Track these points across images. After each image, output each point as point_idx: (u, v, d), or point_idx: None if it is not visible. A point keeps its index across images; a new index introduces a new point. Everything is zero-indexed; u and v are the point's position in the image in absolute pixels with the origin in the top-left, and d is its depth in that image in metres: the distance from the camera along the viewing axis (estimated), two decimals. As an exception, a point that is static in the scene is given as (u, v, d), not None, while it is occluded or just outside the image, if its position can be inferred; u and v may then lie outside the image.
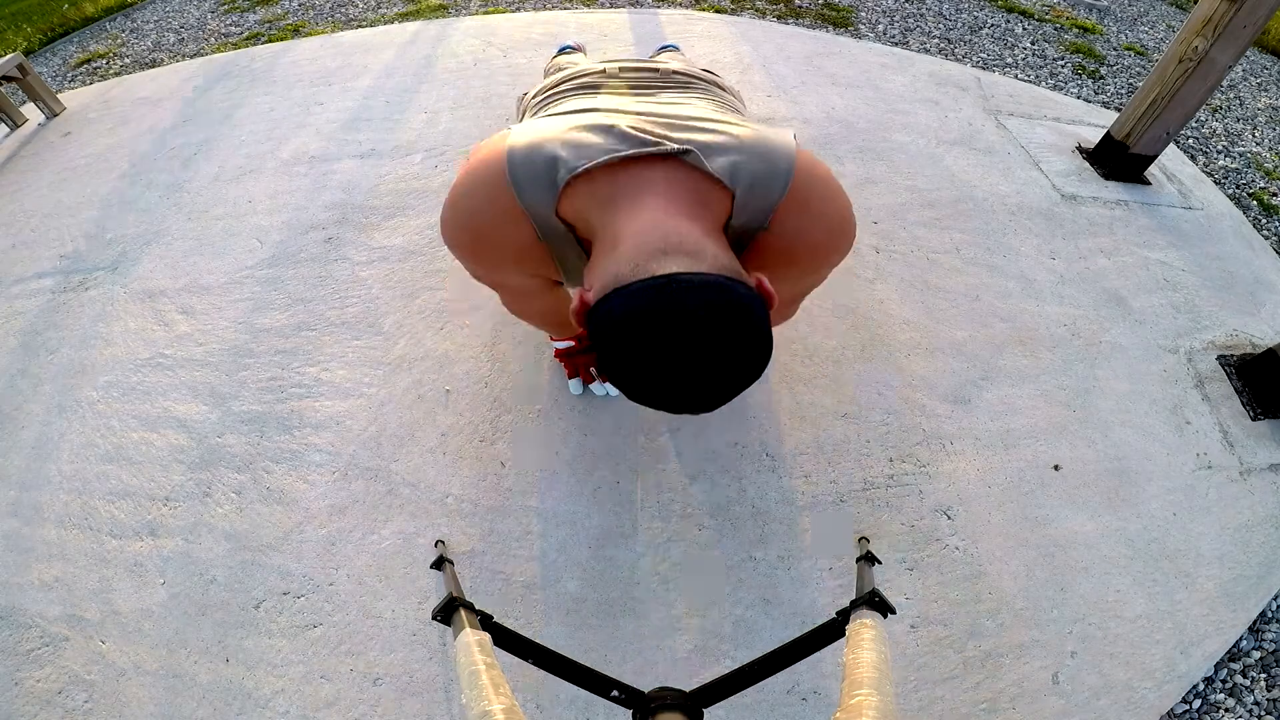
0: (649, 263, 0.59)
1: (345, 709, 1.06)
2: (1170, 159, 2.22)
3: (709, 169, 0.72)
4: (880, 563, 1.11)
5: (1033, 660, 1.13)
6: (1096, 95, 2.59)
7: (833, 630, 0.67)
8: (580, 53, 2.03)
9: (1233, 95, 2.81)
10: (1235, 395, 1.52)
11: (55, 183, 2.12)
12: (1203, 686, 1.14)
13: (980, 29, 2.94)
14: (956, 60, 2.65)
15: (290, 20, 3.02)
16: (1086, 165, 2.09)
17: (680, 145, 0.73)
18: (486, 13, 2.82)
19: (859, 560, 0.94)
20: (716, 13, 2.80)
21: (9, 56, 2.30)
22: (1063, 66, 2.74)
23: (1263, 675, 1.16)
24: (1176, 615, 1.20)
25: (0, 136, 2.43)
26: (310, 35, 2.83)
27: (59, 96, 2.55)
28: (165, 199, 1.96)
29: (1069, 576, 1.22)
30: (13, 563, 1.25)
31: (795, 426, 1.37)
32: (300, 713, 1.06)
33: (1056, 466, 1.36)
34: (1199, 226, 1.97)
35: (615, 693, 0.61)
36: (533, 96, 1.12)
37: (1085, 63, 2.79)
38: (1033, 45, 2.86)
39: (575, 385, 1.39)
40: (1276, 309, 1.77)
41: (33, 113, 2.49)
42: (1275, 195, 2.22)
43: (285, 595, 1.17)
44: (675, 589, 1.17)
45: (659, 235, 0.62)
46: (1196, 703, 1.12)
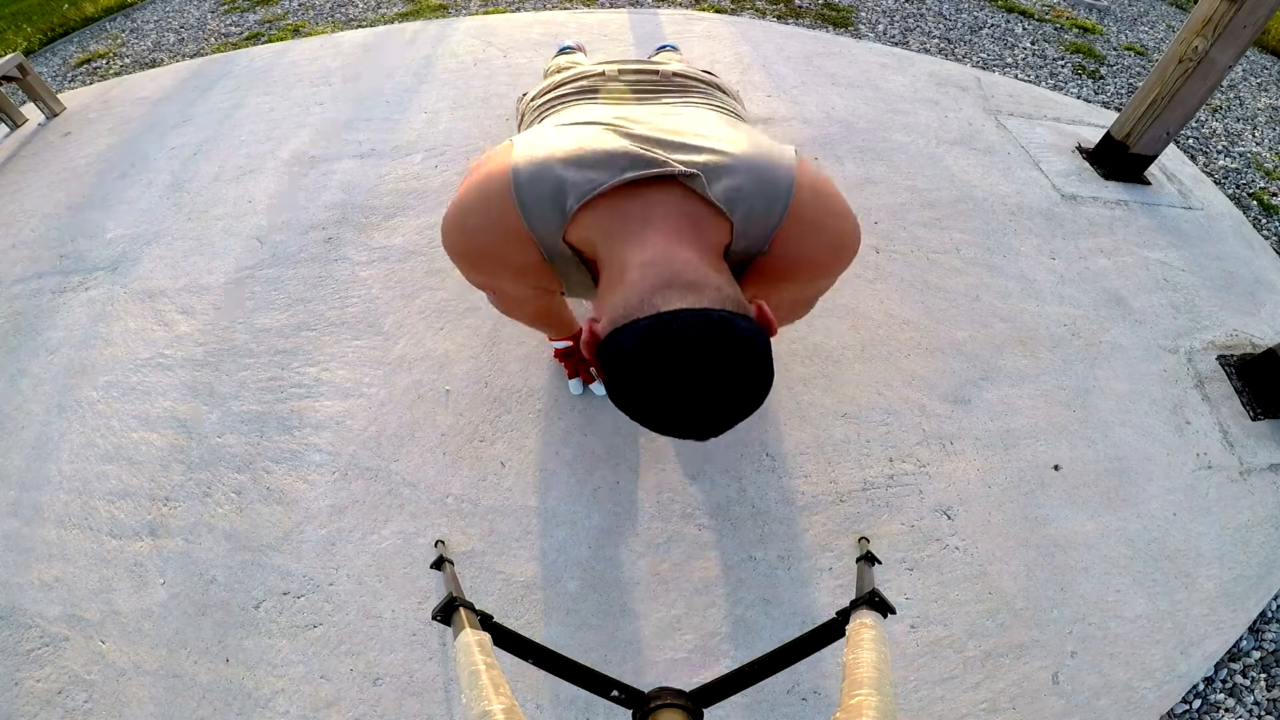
0: (653, 297, 0.61)
1: (345, 709, 1.06)
2: (1170, 159, 2.22)
3: (710, 196, 0.72)
4: (880, 563, 1.11)
5: (1033, 660, 1.13)
6: (1096, 95, 2.60)
7: (833, 630, 0.67)
8: (580, 53, 2.03)
9: (1233, 95, 2.81)
10: (1235, 395, 1.52)
11: (55, 183, 2.12)
12: (1203, 686, 1.14)
13: (980, 29, 2.94)
14: (956, 60, 2.65)
15: (290, 20, 3.02)
16: (1086, 165, 2.09)
17: (684, 169, 0.72)
18: (486, 13, 2.82)
19: (859, 560, 0.94)
20: (716, 13, 2.80)
21: (9, 56, 2.30)
22: (1063, 66, 2.74)
23: (1263, 675, 1.16)
24: (1176, 615, 1.20)
25: (0, 136, 2.43)
26: (310, 35, 2.83)
27: (59, 96, 2.55)
28: (165, 199, 1.96)
29: (1069, 576, 1.22)
30: (13, 563, 1.25)
31: (795, 426, 1.37)
32: (300, 713, 1.06)
33: (1056, 466, 1.36)
34: (1199, 226, 1.97)
35: (615, 693, 0.61)
36: (532, 100, 1.12)
37: (1085, 63, 2.79)
38: (1033, 45, 2.86)
39: (575, 385, 1.39)
40: (1276, 309, 1.77)
41: (33, 113, 2.49)
42: (1275, 195, 2.22)
43: (285, 595, 1.17)
44: (675, 589, 1.17)
45: (663, 268, 0.64)
46: (1196, 703, 1.12)
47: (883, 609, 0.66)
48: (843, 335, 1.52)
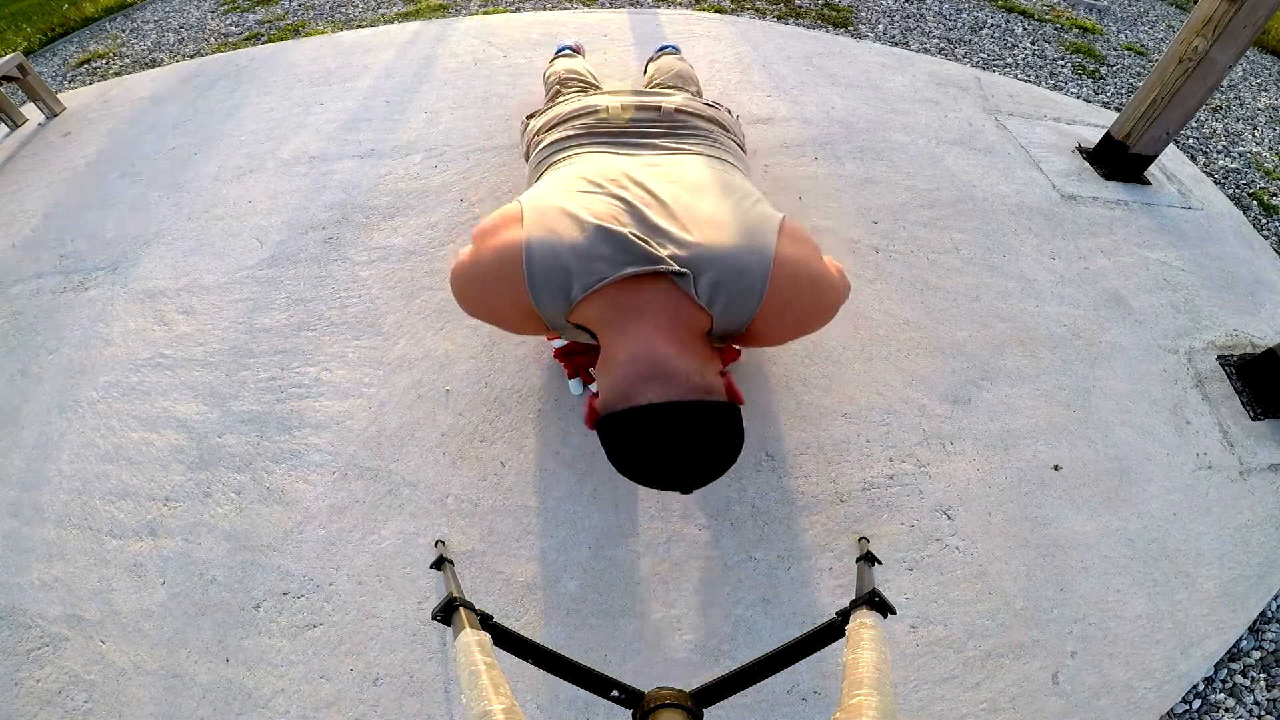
0: (632, 391, 0.76)
1: (345, 709, 1.06)
2: (1170, 159, 2.22)
3: (693, 295, 0.82)
4: (880, 563, 1.11)
5: (1033, 660, 1.13)
6: (1096, 95, 2.59)
7: (833, 630, 0.67)
8: (579, 54, 2.03)
9: (1233, 95, 2.81)
10: (1235, 395, 1.52)
11: (55, 183, 2.12)
12: (1203, 686, 1.14)
13: (980, 29, 2.93)
14: (956, 60, 2.64)
15: (290, 20, 3.01)
16: (1086, 165, 2.09)
17: (675, 268, 0.81)
18: (486, 13, 2.82)
19: (859, 560, 0.94)
20: (716, 13, 2.79)
21: (9, 56, 2.30)
22: (1063, 66, 2.74)
23: (1263, 675, 1.16)
24: (1176, 615, 1.20)
25: (0, 136, 2.43)
26: (310, 35, 2.83)
27: (59, 96, 2.55)
28: (165, 199, 1.96)
29: (1069, 576, 1.22)
30: (13, 563, 1.25)
31: (795, 426, 1.37)
32: (300, 713, 1.06)
33: (1056, 466, 1.36)
34: (1199, 226, 1.97)
35: (615, 693, 0.62)
36: (538, 131, 1.15)
37: (1085, 63, 2.79)
38: (1033, 45, 2.86)
39: (575, 385, 1.39)
40: (1276, 309, 1.77)
41: (33, 113, 2.49)
42: (1275, 195, 2.22)
43: (285, 595, 1.17)
44: (675, 589, 1.17)
45: (643, 366, 0.77)
46: (1196, 703, 1.12)
47: (883, 609, 0.67)
48: (843, 335, 1.52)
